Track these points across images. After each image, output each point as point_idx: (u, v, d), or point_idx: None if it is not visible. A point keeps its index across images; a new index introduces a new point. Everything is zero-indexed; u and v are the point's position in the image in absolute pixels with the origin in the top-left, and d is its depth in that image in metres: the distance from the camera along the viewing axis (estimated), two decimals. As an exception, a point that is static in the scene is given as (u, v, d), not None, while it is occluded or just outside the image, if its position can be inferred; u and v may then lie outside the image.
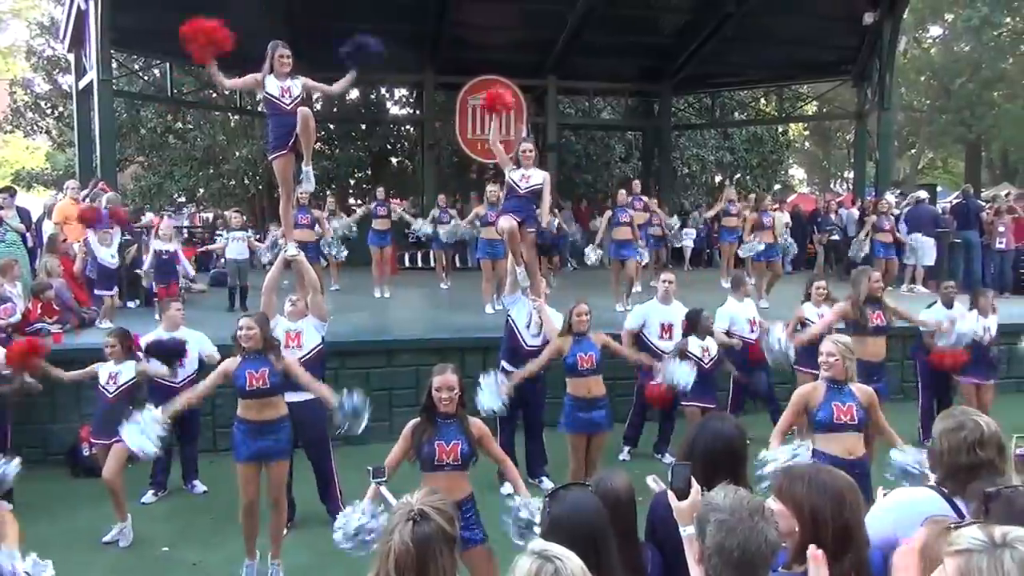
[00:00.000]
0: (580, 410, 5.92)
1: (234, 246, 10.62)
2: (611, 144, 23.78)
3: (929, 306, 7.97)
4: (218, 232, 14.46)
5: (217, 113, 21.61)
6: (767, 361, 7.12)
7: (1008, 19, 26.75)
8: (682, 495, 2.38)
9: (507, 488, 6.51)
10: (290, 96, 6.03)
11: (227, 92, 6.19)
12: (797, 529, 2.18)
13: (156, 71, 17.71)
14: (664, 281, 7.42)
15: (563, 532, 2.26)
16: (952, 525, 1.60)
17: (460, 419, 4.10)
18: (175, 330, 6.49)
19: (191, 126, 22.36)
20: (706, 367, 6.82)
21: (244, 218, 12.25)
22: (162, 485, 6.76)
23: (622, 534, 2.55)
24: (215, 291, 12.03)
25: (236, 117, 21.77)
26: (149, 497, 6.63)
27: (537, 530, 3.57)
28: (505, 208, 7.13)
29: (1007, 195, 16.76)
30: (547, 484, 6.65)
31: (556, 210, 14.19)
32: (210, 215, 23.23)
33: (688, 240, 17.75)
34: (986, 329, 7.54)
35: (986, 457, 2.52)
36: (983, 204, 14.15)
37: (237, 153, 21.78)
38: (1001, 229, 12.62)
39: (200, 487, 6.84)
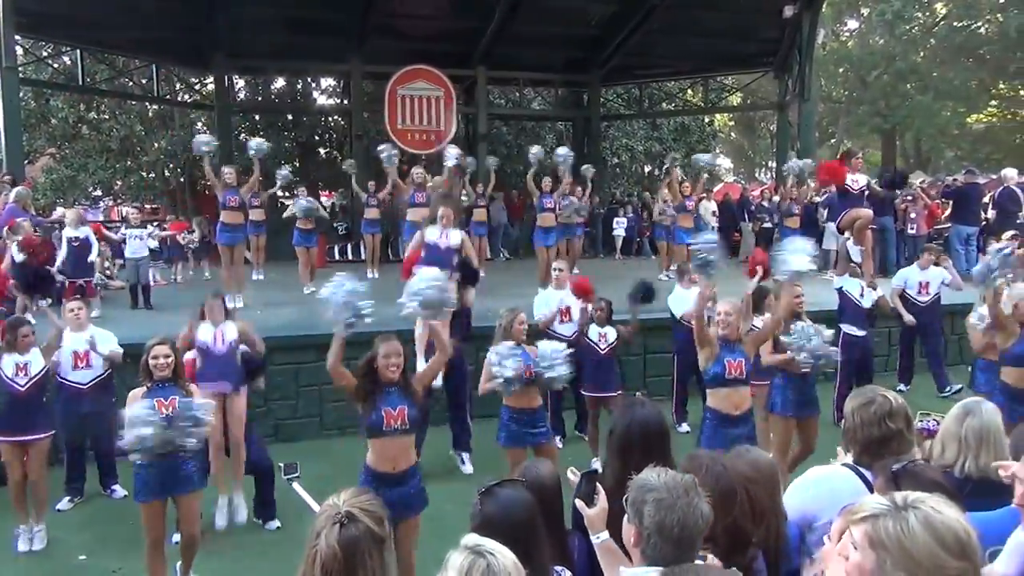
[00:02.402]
0: (521, 424, 5.54)
1: (133, 244, 10.51)
2: (542, 134, 23.83)
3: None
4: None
5: (134, 103, 20.76)
6: None
7: (919, 14, 27.88)
8: (590, 503, 2.41)
9: (468, 468, 6.87)
10: None
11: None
12: None
13: (67, 58, 16.84)
14: (555, 269, 7.74)
15: (494, 529, 2.23)
16: None
17: (402, 385, 4.19)
18: (81, 330, 6.19)
19: (106, 116, 21.40)
20: (602, 353, 6.96)
21: (142, 214, 12.10)
22: (79, 491, 6.46)
23: (548, 522, 2.54)
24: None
25: (154, 107, 20.99)
26: (65, 504, 6.32)
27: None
28: (426, 260, 6.95)
29: (921, 183, 17.48)
30: (467, 468, 6.86)
31: (489, 198, 14.19)
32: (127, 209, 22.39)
33: (620, 228, 18.01)
34: None
35: (896, 428, 2.64)
36: (898, 192, 14.67)
37: (156, 144, 21.01)
38: (913, 215, 13.21)
39: (120, 491, 6.50)
